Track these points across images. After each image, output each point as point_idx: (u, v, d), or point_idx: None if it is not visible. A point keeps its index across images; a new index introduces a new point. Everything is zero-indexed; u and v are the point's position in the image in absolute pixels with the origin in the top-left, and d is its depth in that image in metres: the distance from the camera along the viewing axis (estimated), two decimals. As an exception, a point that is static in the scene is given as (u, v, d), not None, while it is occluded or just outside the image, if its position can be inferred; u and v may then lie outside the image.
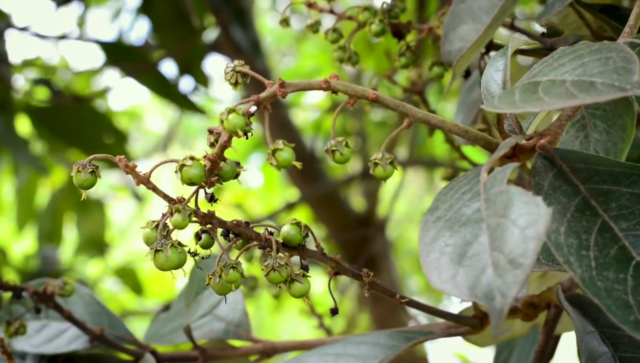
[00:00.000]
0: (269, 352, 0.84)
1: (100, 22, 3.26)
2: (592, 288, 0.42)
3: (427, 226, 0.44)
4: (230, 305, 0.86)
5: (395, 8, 0.82)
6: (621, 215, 0.47)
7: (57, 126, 1.94)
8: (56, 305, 0.77)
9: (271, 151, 0.49)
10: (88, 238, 2.28)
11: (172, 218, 0.52)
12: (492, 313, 0.37)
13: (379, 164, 0.50)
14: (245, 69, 0.50)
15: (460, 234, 0.41)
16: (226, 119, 0.47)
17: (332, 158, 0.50)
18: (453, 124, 0.51)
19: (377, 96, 0.49)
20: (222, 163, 0.52)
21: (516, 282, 0.36)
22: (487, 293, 0.37)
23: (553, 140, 0.54)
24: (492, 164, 0.46)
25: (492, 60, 0.58)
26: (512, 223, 0.39)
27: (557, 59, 0.47)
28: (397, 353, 0.59)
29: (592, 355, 0.56)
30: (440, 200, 0.46)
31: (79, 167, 0.52)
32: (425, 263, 0.41)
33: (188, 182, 0.51)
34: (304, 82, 0.49)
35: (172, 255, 0.51)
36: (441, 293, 2.86)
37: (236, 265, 0.54)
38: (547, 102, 0.41)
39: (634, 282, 0.43)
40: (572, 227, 0.45)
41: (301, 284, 0.55)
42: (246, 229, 0.55)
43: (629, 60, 0.42)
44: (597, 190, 0.49)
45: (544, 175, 0.49)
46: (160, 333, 0.88)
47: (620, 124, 0.71)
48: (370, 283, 0.58)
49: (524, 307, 0.71)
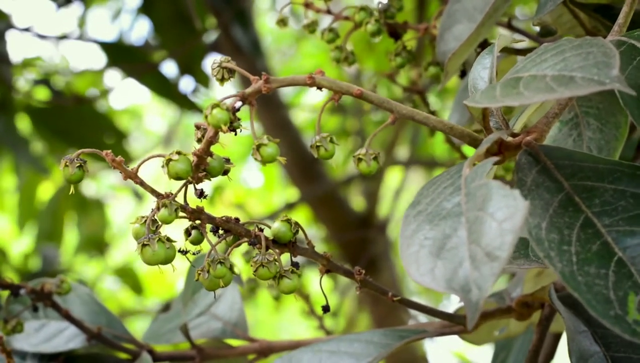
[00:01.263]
0: (265, 351, 0.84)
1: (101, 22, 3.27)
2: (572, 282, 0.42)
3: (408, 220, 0.44)
4: (228, 305, 0.87)
5: (391, 8, 0.82)
6: (604, 211, 0.47)
7: (58, 126, 1.94)
8: (53, 304, 0.77)
9: (255, 146, 0.49)
10: (88, 237, 2.28)
11: (159, 213, 0.52)
12: (467, 305, 0.37)
13: (363, 160, 0.50)
14: (231, 65, 0.51)
15: (440, 228, 0.41)
16: (210, 114, 0.47)
17: (316, 154, 0.50)
18: (438, 121, 0.51)
19: (361, 92, 0.49)
20: (210, 158, 0.53)
21: (492, 275, 0.36)
22: (463, 286, 0.37)
23: (539, 137, 0.54)
24: (475, 160, 0.46)
25: (480, 58, 0.58)
26: (490, 216, 0.39)
27: (540, 54, 0.47)
28: (389, 351, 0.59)
29: (584, 354, 0.56)
30: (422, 195, 0.46)
31: (66, 162, 0.52)
32: (405, 256, 0.41)
33: (175, 177, 0.51)
34: (289, 78, 0.49)
35: (159, 249, 0.52)
36: (442, 293, 2.85)
37: (224, 260, 0.54)
38: (526, 96, 0.41)
39: (615, 278, 0.43)
40: (554, 223, 0.45)
41: (290, 280, 0.55)
42: (236, 225, 0.55)
43: (608, 54, 0.42)
44: (581, 186, 0.49)
45: (527, 171, 0.49)
46: (158, 333, 0.88)
47: (614, 122, 0.71)
48: (362, 281, 0.58)
49: (518, 307, 0.71)
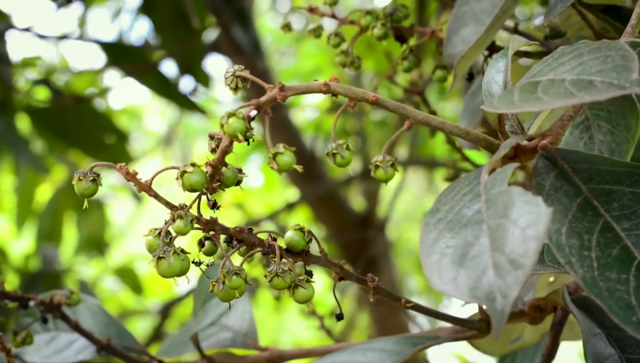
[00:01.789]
0: (276, 360, 0.83)
1: (101, 22, 3.26)
2: (594, 289, 0.42)
3: (428, 228, 0.43)
4: (239, 315, 0.86)
5: (397, 12, 0.82)
6: (623, 215, 0.47)
7: (58, 126, 1.94)
8: (63, 315, 0.77)
9: (272, 155, 0.49)
10: (88, 237, 2.28)
11: (174, 225, 0.52)
12: (493, 314, 0.37)
13: (380, 166, 0.50)
14: (245, 73, 0.50)
15: (461, 235, 0.41)
16: (226, 123, 0.47)
17: (333, 161, 0.50)
18: (454, 126, 0.51)
19: (377, 99, 0.49)
20: (224, 168, 0.52)
21: (517, 283, 0.36)
22: (488, 295, 0.37)
23: (555, 140, 0.54)
24: (493, 165, 0.46)
25: (493, 62, 0.58)
26: (512, 223, 0.38)
27: (556, 58, 0.47)
28: (403, 358, 0.59)
29: (599, 357, 0.56)
30: (441, 202, 0.46)
31: (80, 176, 0.52)
32: (427, 265, 0.41)
33: (189, 189, 0.51)
34: (304, 86, 0.49)
35: (174, 262, 0.51)
36: (441, 293, 2.85)
37: (239, 271, 0.53)
38: (546, 101, 0.41)
39: (636, 282, 0.43)
40: (573, 228, 0.45)
41: (305, 290, 0.55)
42: (249, 235, 0.55)
43: (627, 58, 0.41)
44: (599, 190, 0.48)
45: (545, 176, 0.49)
46: (170, 347, 0.88)
47: (625, 124, 0.70)
48: (375, 288, 0.57)
49: (530, 310, 0.71)
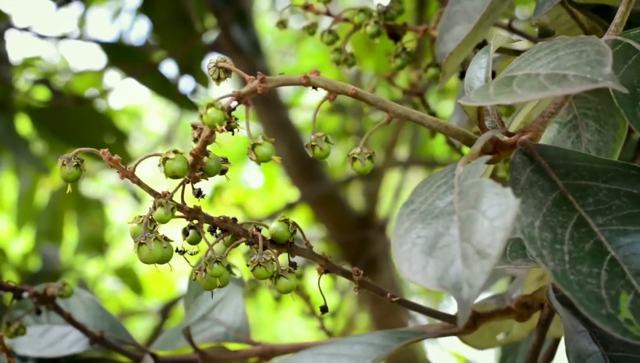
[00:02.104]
0: (267, 354, 0.84)
1: (101, 22, 3.27)
2: (564, 281, 0.42)
3: (401, 218, 0.44)
4: (232, 310, 0.87)
5: (391, 10, 0.82)
6: (598, 211, 0.47)
7: (58, 126, 1.94)
8: (56, 307, 0.77)
9: (251, 146, 0.49)
10: (88, 237, 2.29)
11: (155, 212, 0.52)
12: (459, 303, 0.37)
13: (358, 159, 0.50)
14: (227, 64, 0.51)
15: (432, 226, 0.41)
16: (205, 114, 0.47)
17: (311, 153, 0.50)
18: (433, 120, 0.51)
19: (356, 91, 0.49)
20: (206, 158, 0.53)
21: (483, 272, 0.36)
22: (455, 284, 0.38)
23: (535, 136, 0.54)
24: (469, 159, 0.46)
25: (476, 58, 0.58)
26: (482, 214, 0.39)
27: (534, 53, 0.47)
28: (389, 352, 0.59)
29: (582, 354, 0.56)
30: (416, 194, 0.46)
31: (64, 161, 0.52)
32: (398, 255, 0.41)
33: (171, 176, 0.51)
34: (284, 78, 0.49)
35: (155, 248, 0.52)
36: (441, 293, 2.85)
37: (220, 259, 0.54)
38: (520, 95, 0.42)
39: (607, 277, 0.43)
40: (547, 222, 0.45)
41: (287, 280, 0.55)
42: (233, 225, 0.55)
43: (602, 53, 0.42)
44: (574, 185, 0.49)
45: (521, 170, 0.49)
46: (165, 341, 0.88)
47: (612, 123, 0.71)
48: (360, 282, 0.58)
49: (517, 307, 0.71)
